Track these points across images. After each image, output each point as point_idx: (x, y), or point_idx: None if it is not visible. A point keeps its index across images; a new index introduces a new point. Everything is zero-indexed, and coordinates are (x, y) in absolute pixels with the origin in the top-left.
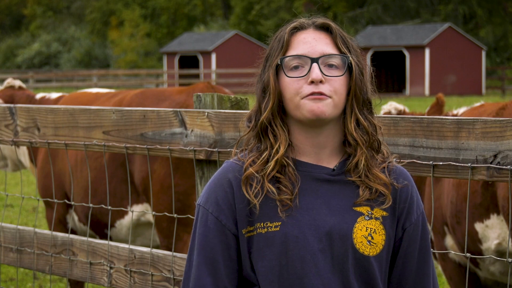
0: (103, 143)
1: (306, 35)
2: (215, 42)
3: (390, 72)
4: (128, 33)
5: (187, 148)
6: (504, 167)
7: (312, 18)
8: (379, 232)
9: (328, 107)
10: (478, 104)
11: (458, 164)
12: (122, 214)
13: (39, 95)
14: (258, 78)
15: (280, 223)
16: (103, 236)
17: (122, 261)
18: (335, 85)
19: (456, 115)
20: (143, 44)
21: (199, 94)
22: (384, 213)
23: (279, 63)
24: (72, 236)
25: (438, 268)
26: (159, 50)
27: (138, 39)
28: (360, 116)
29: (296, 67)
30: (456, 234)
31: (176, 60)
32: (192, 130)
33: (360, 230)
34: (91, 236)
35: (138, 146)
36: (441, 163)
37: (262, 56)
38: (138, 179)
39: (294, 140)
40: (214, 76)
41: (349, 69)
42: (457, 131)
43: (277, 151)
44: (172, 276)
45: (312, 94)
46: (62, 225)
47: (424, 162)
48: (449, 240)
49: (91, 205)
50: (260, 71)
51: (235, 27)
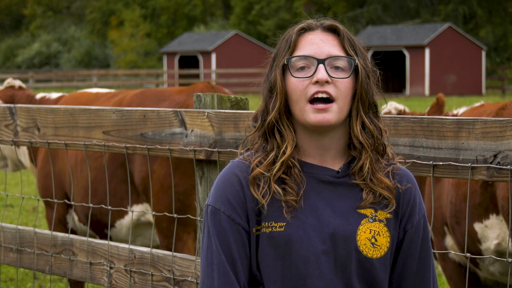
0: (103, 143)
1: (314, 36)
2: (215, 42)
3: (390, 72)
4: (128, 33)
5: (187, 148)
6: (504, 167)
7: (320, 19)
8: (383, 234)
9: (333, 115)
10: (478, 104)
11: (458, 164)
12: (122, 214)
13: (39, 95)
14: (265, 78)
15: (284, 223)
16: (103, 236)
17: (122, 261)
18: (341, 87)
19: (456, 115)
20: (143, 44)
21: (199, 94)
22: (388, 215)
23: (285, 63)
24: (72, 236)
25: (438, 268)
26: (159, 50)
27: (138, 39)
28: (366, 119)
29: (302, 68)
30: (456, 234)
31: (176, 60)
32: (192, 130)
33: (364, 232)
34: (91, 236)
35: (138, 146)
36: (441, 163)
37: (270, 56)
38: (138, 179)
39: (299, 141)
40: (214, 76)
41: (355, 71)
42: (457, 131)
43: (284, 152)
44: (172, 276)
45: (317, 93)
46: (62, 225)
47: (424, 162)
48: (449, 240)
49: (91, 205)
50: (267, 71)
51: (235, 27)
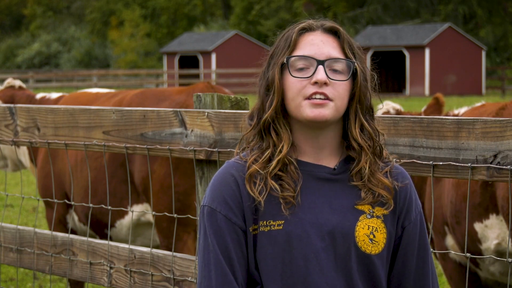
0: (103, 143)
1: (314, 36)
2: (215, 42)
3: (390, 72)
4: (128, 33)
5: (187, 148)
6: (504, 167)
7: (321, 20)
8: (381, 230)
9: (329, 111)
10: (479, 104)
11: (458, 164)
12: (122, 214)
13: (39, 95)
14: (261, 75)
15: (283, 221)
16: (103, 236)
17: (122, 261)
18: (339, 89)
19: (457, 115)
20: (143, 44)
21: (199, 94)
22: (385, 211)
23: (285, 62)
24: (72, 236)
25: (439, 267)
26: (159, 50)
27: (138, 39)
28: (364, 121)
29: (301, 69)
30: (456, 234)
31: (176, 60)
32: (192, 130)
33: (362, 228)
34: (91, 236)
35: (138, 146)
36: (441, 163)
37: (266, 54)
38: (138, 179)
39: (294, 140)
40: (214, 76)
41: (353, 74)
42: (457, 131)
43: (280, 151)
44: (172, 276)
45: (315, 94)
46: (62, 225)
47: (424, 162)
48: (449, 240)
49: (91, 205)
50: (264, 68)
51: (235, 27)
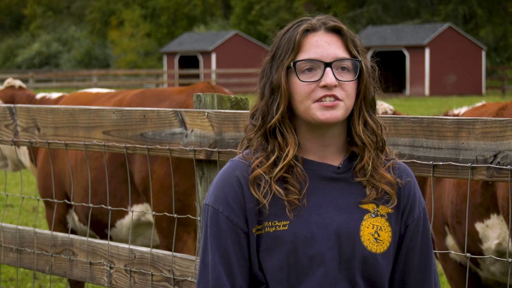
0: (103, 143)
1: (318, 38)
2: (215, 42)
3: (390, 72)
4: (128, 33)
5: (187, 148)
6: (504, 167)
7: (322, 19)
8: (385, 229)
9: (340, 111)
10: (479, 104)
11: (458, 164)
12: (122, 214)
13: (39, 95)
14: (263, 74)
15: (288, 222)
16: (103, 236)
17: (122, 261)
18: (347, 88)
19: (457, 115)
20: (143, 44)
21: (199, 94)
22: (389, 210)
23: (291, 66)
24: (72, 236)
25: (439, 267)
26: (159, 50)
27: (138, 39)
28: (368, 118)
29: (308, 70)
30: (457, 234)
31: (176, 60)
32: (192, 130)
33: (367, 227)
34: (91, 236)
35: (138, 146)
36: (441, 163)
37: (267, 53)
38: (138, 179)
39: (300, 139)
40: (214, 76)
41: (359, 71)
42: (457, 131)
43: (286, 155)
44: (172, 276)
45: (325, 97)
46: (62, 225)
47: (424, 162)
48: (450, 240)
49: (91, 205)
50: (265, 68)
51: (235, 27)
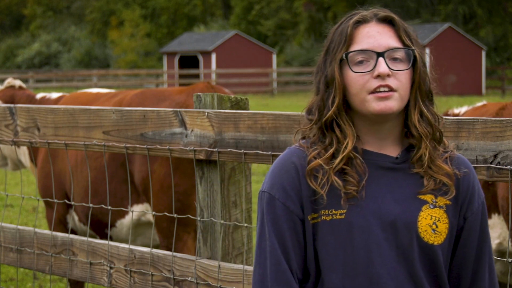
0: (103, 143)
1: (370, 28)
2: (215, 42)
3: None
4: (128, 33)
5: (187, 148)
6: (504, 167)
7: (373, 10)
8: (443, 220)
9: (395, 102)
10: (480, 104)
11: None
12: (123, 214)
13: (39, 95)
14: (317, 70)
15: (345, 211)
16: (104, 236)
17: (122, 261)
18: (401, 78)
19: (457, 115)
20: (143, 44)
21: (199, 94)
22: (448, 201)
23: (343, 57)
24: (72, 236)
25: None
26: (159, 50)
27: (138, 39)
28: (423, 108)
29: (361, 62)
30: None
31: (176, 60)
32: (192, 130)
33: (425, 218)
34: (91, 236)
35: (138, 146)
36: None
37: (321, 49)
38: (138, 179)
39: (357, 131)
40: (214, 76)
41: (413, 61)
42: (457, 131)
43: (345, 147)
44: (172, 276)
45: (379, 88)
46: (62, 225)
47: None
48: None
49: (91, 205)
50: (319, 63)
51: (235, 27)
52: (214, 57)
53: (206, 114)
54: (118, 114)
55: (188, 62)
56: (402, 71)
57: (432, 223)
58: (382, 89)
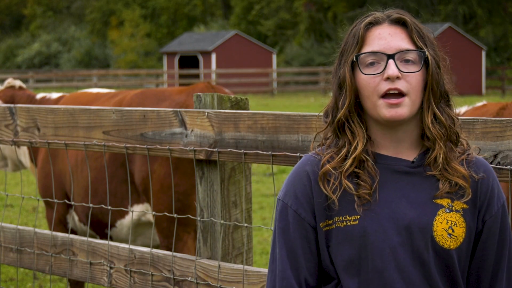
0: (103, 143)
1: (382, 30)
2: (215, 42)
3: None
4: (128, 33)
5: (187, 148)
6: (504, 167)
7: (387, 11)
8: (460, 224)
9: (405, 109)
10: (480, 104)
11: None
12: (123, 214)
13: (39, 95)
14: (333, 73)
15: (359, 216)
16: (104, 236)
17: (122, 261)
18: (412, 81)
19: (457, 114)
20: (143, 44)
21: (199, 94)
22: (465, 205)
23: (354, 59)
24: (72, 236)
25: None
26: (159, 50)
27: (138, 39)
28: (437, 110)
29: (372, 64)
30: None
31: (176, 60)
32: (192, 130)
33: (441, 223)
34: (91, 236)
35: (138, 146)
36: None
37: (337, 52)
38: (138, 179)
39: (372, 134)
40: (214, 76)
41: (425, 63)
42: None
43: (355, 149)
44: (172, 276)
45: (389, 90)
46: (62, 225)
47: None
48: None
49: (91, 205)
50: (335, 66)
51: (235, 27)
52: (214, 57)
53: (206, 114)
54: (118, 114)
55: (188, 62)
56: (413, 73)
57: (448, 227)
58: (392, 92)
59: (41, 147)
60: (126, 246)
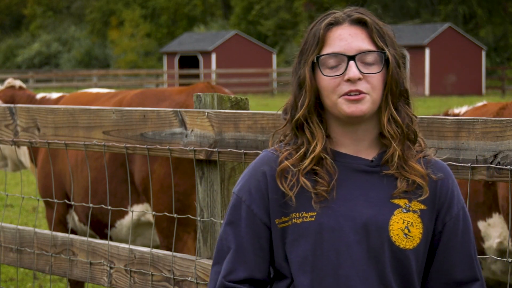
0: (103, 143)
1: (342, 31)
2: (215, 42)
3: None
4: (128, 33)
5: (187, 148)
6: (504, 167)
7: (347, 10)
8: (417, 225)
9: (366, 105)
10: (480, 103)
11: (458, 164)
12: (123, 214)
13: (39, 95)
14: (293, 70)
15: (315, 213)
16: (103, 236)
17: (122, 261)
18: (373, 81)
19: (457, 115)
20: (143, 44)
21: (199, 94)
22: (423, 206)
23: (315, 61)
24: (72, 236)
25: None
26: (159, 50)
27: (138, 39)
28: (393, 110)
29: (332, 65)
30: None
31: (176, 60)
32: (192, 130)
33: (397, 222)
34: (91, 236)
35: (138, 146)
36: None
37: (297, 50)
38: (138, 179)
39: (332, 132)
40: (214, 76)
41: (386, 63)
42: (457, 131)
43: (314, 149)
44: (172, 276)
45: (350, 92)
46: (62, 225)
47: None
48: None
49: (91, 205)
50: (295, 64)
51: (235, 27)
52: (214, 57)
53: (206, 114)
54: (118, 114)
55: (188, 62)
56: (374, 74)
57: (404, 227)
58: (353, 93)
59: (41, 147)
60: (126, 246)
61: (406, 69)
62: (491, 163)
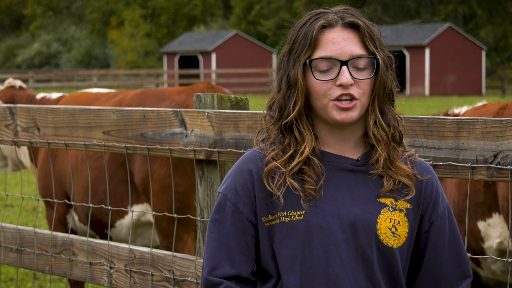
0: (103, 143)
1: (335, 34)
2: (215, 42)
3: None
4: (128, 33)
5: (187, 148)
6: (504, 167)
7: (340, 12)
8: (403, 224)
9: (356, 112)
10: (480, 103)
11: (458, 164)
12: (122, 214)
13: (39, 95)
14: (280, 66)
15: (303, 212)
16: (103, 236)
17: (122, 261)
18: (364, 86)
19: (457, 115)
20: (143, 44)
21: (199, 94)
22: (408, 205)
23: (307, 63)
24: (72, 236)
25: None
26: (159, 50)
27: (138, 39)
28: (379, 115)
29: (324, 69)
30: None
31: (176, 60)
32: (192, 130)
33: (384, 221)
34: (91, 236)
35: (138, 146)
36: (441, 163)
37: (285, 44)
38: (138, 179)
39: (318, 133)
40: (214, 76)
41: (376, 67)
42: (457, 131)
43: (303, 151)
44: (172, 276)
45: (341, 96)
46: (62, 225)
47: None
48: None
49: (91, 205)
50: (282, 60)
51: (235, 27)
52: (214, 57)
53: (206, 114)
54: (118, 114)
55: (188, 62)
56: (365, 79)
57: (392, 226)
58: (344, 97)
59: (41, 147)
60: (126, 246)
61: (392, 70)
62: (491, 163)
